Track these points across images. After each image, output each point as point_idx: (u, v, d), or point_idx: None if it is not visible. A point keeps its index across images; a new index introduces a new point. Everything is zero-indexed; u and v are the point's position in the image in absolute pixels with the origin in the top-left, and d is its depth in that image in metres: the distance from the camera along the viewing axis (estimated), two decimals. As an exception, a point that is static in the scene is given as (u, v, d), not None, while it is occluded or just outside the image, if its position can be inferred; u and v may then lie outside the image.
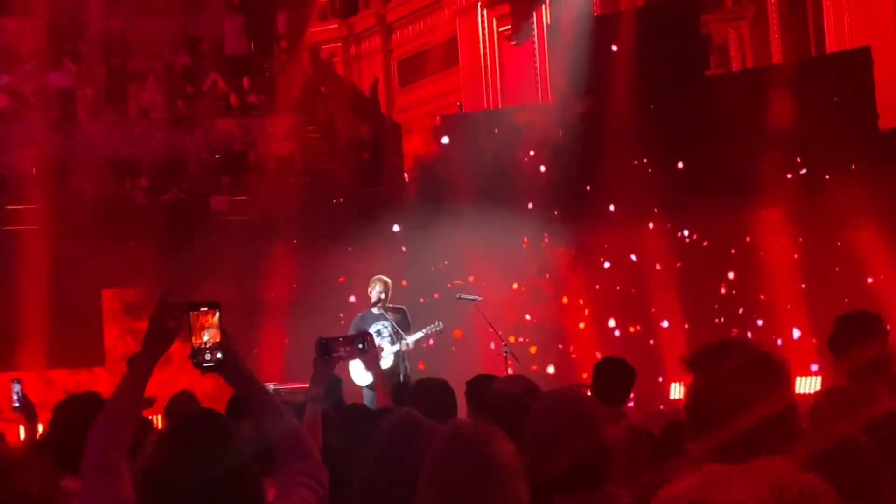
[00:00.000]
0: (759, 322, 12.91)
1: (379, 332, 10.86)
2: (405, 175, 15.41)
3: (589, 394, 6.18)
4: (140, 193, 15.30)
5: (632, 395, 6.52)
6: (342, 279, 13.61)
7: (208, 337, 3.14)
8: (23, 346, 13.39)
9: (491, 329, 11.30)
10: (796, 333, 12.51)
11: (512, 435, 3.17)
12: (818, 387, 11.42)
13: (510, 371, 10.63)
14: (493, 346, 11.34)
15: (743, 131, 12.85)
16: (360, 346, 4.46)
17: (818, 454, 2.39)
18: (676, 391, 12.69)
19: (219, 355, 3.13)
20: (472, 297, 11.74)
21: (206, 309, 3.15)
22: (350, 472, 3.37)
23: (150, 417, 5.15)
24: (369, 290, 11.21)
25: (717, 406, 2.18)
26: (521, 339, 13.16)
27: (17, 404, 5.53)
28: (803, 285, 12.60)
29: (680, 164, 13.48)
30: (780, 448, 2.10)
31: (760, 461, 1.65)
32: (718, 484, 1.59)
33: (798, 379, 11.28)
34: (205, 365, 3.14)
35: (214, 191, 15.67)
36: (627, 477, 3.28)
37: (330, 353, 4.34)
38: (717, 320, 13.10)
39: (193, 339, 3.13)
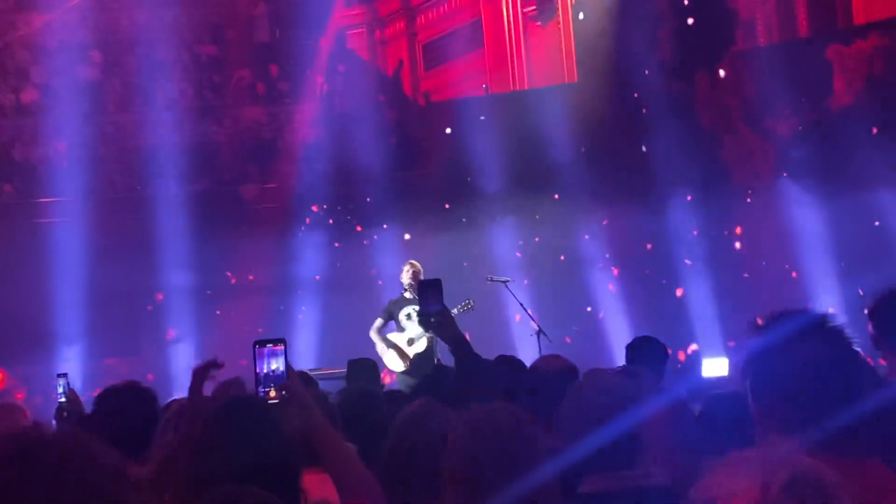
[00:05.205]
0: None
1: (409, 316, 10.91)
2: (432, 159, 15.44)
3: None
4: (171, 184, 15.38)
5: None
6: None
7: (274, 368, 3.12)
8: (57, 339, 13.52)
9: (523, 310, 11.32)
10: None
11: (549, 412, 3.19)
12: None
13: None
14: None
15: (772, 106, 12.79)
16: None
17: None
18: (708, 369, 12.68)
19: (283, 393, 3.10)
20: (502, 278, 11.76)
21: (271, 345, 3.14)
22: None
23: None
24: (401, 275, 11.26)
25: None
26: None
27: (62, 399, 5.58)
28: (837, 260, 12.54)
29: (709, 141, 13.44)
30: None
31: (775, 448, 1.64)
32: (735, 472, 1.58)
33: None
34: (269, 402, 3.12)
35: (244, 179, 15.75)
36: (665, 454, 3.29)
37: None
38: (754, 298, 13.05)
39: (257, 370, 3.11)
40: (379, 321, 11.20)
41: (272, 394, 3.09)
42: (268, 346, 3.12)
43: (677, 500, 2.89)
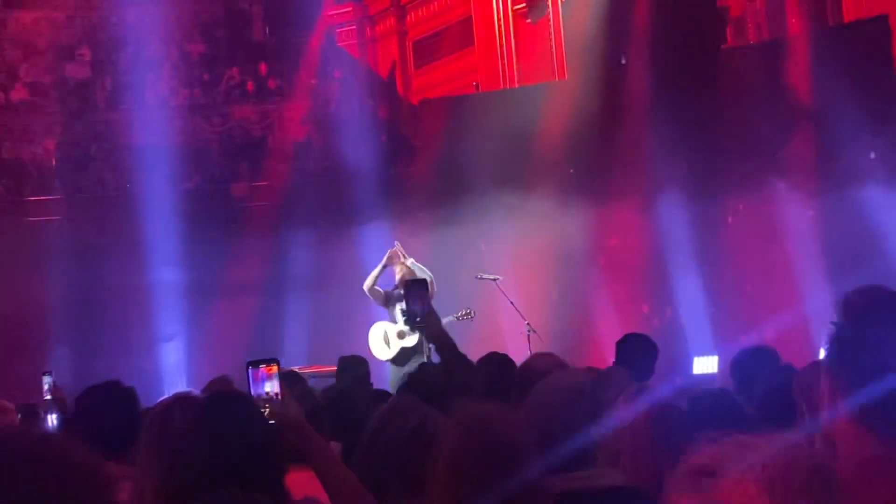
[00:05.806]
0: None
1: (402, 311, 10.94)
2: (423, 157, 15.44)
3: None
4: (161, 182, 15.36)
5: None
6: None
7: (268, 390, 3.10)
8: (48, 337, 13.48)
9: (513, 308, 11.32)
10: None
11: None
12: None
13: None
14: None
15: (761, 104, 12.80)
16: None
17: None
18: (699, 366, 12.68)
19: (272, 421, 3.05)
20: (492, 276, 11.75)
21: (264, 366, 3.11)
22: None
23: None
24: (394, 271, 11.30)
25: None
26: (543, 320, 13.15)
27: (48, 396, 5.58)
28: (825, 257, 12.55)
29: (699, 139, 13.45)
30: None
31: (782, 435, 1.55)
32: (735, 454, 1.50)
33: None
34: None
35: (235, 177, 15.73)
36: (644, 455, 3.27)
37: None
38: (744, 295, 13.05)
39: (251, 393, 3.08)
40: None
41: (266, 416, 3.07)
42: (261, 367, 3.10)
43: (636, 501, 2.90)
